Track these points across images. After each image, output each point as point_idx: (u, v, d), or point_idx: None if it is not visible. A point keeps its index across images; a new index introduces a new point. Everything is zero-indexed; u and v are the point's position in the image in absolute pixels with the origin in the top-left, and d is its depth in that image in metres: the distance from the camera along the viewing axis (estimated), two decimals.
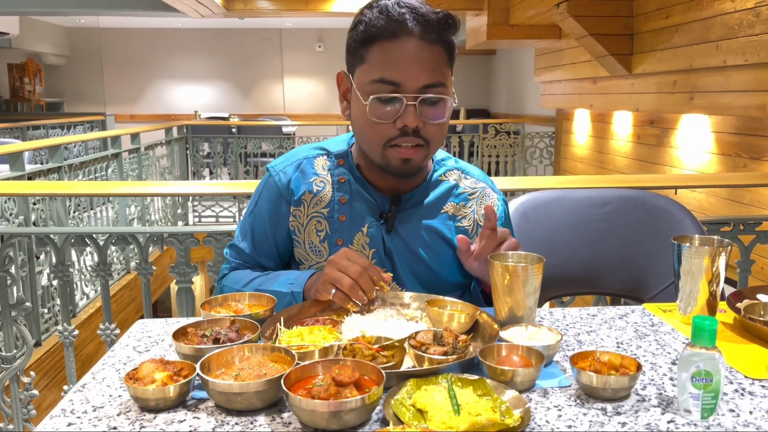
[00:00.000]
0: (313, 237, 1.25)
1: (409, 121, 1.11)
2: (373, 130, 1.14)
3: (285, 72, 12.15)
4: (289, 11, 7.24)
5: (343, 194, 1.24)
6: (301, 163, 1.27)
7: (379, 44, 1.12)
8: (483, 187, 1.32)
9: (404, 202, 1.24)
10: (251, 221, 1.30)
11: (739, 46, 3.60)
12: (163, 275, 6.11)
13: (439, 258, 1.26)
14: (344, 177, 1.25)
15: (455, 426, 0.77)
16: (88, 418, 0.84)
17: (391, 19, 1.11)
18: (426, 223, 1.25)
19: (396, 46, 1.11)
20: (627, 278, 1.63)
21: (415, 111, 1.11)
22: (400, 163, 1.16)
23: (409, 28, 1.11)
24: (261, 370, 0.87)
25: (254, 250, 1.30)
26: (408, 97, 1.10)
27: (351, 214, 1.24)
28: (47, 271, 3.85)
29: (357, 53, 1.15)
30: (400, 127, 1.12)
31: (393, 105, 1.12)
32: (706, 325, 0.81)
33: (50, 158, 4.63)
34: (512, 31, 6.40)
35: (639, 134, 5.52)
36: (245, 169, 8.36)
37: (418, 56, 1.11)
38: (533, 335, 1.00)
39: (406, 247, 1.24)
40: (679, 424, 0.81)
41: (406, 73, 1.10)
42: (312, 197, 1.25)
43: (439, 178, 1.28)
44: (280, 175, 1.27)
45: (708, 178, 3.66)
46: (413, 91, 1.11)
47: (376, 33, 1.11)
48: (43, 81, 11.55)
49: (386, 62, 1.11)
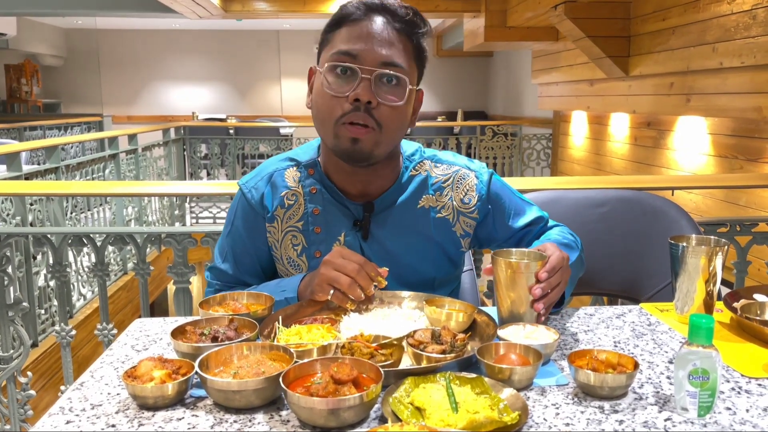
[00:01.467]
0: (290, 251, 1.24)
1: (361, 93, 1.09)
2: (327, 105, 1.12)
3: (282, 73, 12.15)
4: (286, 13, 7.24)
5: (316, 205, 1.23)
6: (272, 176, 1.26)
7: (345, 26, 1.13)
8: (456, 171, 1.27)
9: (377, 206, 1.22)
10: (230, 242, 1.29)
11: (736, 48, 3.61)
12: (160, 277, 6.09)
13: (420, 255, 1.24)
14: (315, 187, 1.23)
15: (453, 424, 0.77)
16: (86, 416, 0.84)
17: (360, 5, 1.13)
18: (403, 223, 1.23)
19: (360, 25, 1.12)
20: (624, 278, 1.63)
21: (369, 85, 1.10)
22: (349, 143, 1.12)
23: (375, 14, 1.13)
24: (259, 368, 0.87)
25: (237, 270, 1.28)
26: (363, 70, 1.10)
27: (326, 224, 1.22)
28: (44, 272, 3.84)
29: (325, 39, 1.17)
30: (352, 100, 1.10)
31: (349, 80, 1.11)
32: (703, 323, 0.81)
33: (47, 159, 4.63)
34: (509, 33, 6.41)
35: (636, 136, 5.53)
36: (242, 171, 8.35)
37: (380, 34, 1.11)
38: (531, 334, 1.00)
39: (385, 251, 1.22)
40: (676, 422, 0.81)
41: (364, 46, 1.10)
42: (285, 212, 1.23)
43: (410, 175, 1.25)
44: (252, 192, 1.26)
45: (705, 179, 3.67)
46: (370, 64, 1.10)
47: (344, 17, 1.14)
48: (40, 82, 11.54)
49: (348, 38, 1.12)
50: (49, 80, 11.94)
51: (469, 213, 1.26)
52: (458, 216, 1.26)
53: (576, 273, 1.19)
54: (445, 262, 1.27)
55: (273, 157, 1.32)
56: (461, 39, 7.53)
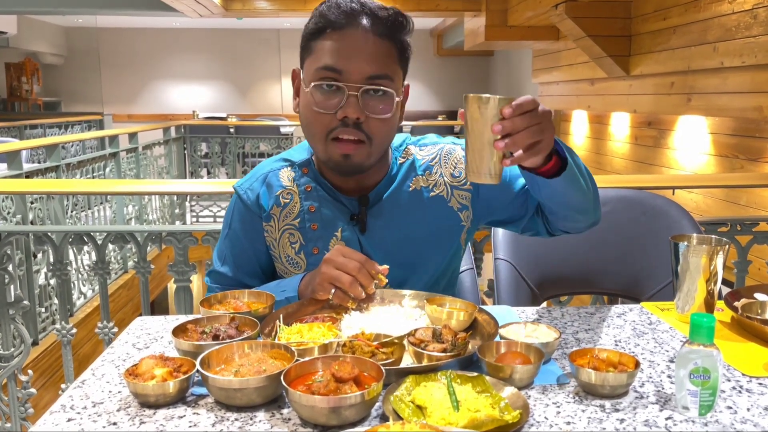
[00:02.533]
0: (288, 250, 1.24)
1: (349, 111, 1.09)
2: (315, 120, 1.13)
3: (283, 72, 12.13)
4: (287, 11, 7.23)
5: (312, 202, 1.23)
6: (266, 177, 1.26)
7: (327, 35, 1.12)
8: (441, 148, 1.27)
9: (371, 198, 1.23)
10: (229, 244, 1.29)
11: (737, 47, 3.61)
12: (160, 275, 6.10)
13: (420, 240, 1.24)
14: (310, 185, 1.24)
15: (454, 422, 0.77)
16: (88, 413, 0.84)
17: (341, 11, 1.11)
18: (398, 210, 1.23)
19: (343, 37, 1.11)
20: (624, 278, 1.63)
21: (356, 101, 1.10)
22: (340, 158, 1.13)
23: (358, 20, 1.11)
24: (260, 366, 0.87)
25: (237, 272, 1.29)
26: (350, 87, 1.09)
27: (322, 221, 1.23)
28: (45, 270, 3.84)
29: (307, 46, 1.15)
30: (341, 118, 1.10)
31: (336, 95, 1.11)
32: (704, 322, 0.81)
33: (48, 157, 4.63)
34: (510, 32, 6.41)
35: (636, 135, 5.54)
36: (243, 169, 8.35)
37: (364, 47, 1.10)
38: (532, 332, 1.00)
39: (384, 241, 1.22)
40: (677, 420, 0.81)
41: (349, 62, 1.09)
42: (281, 210, 1.24)
43: (398, 164, 1.26)
44: (248, 193, 1.26)
45: (706, 179, 3.67)
46: (356, 81, 1.10)
47: (325, 24, 1.12)
48: (40, 80, 11.54)
49: (332, 51, 1.11)
50: (50, 79, 11.94)
51: (462, 186, 1.25)
52: (452, 191, 1.25)
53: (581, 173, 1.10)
54: (445, 242, 1.26)
55: (267, 159, 1.32)
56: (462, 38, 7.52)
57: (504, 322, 1.05)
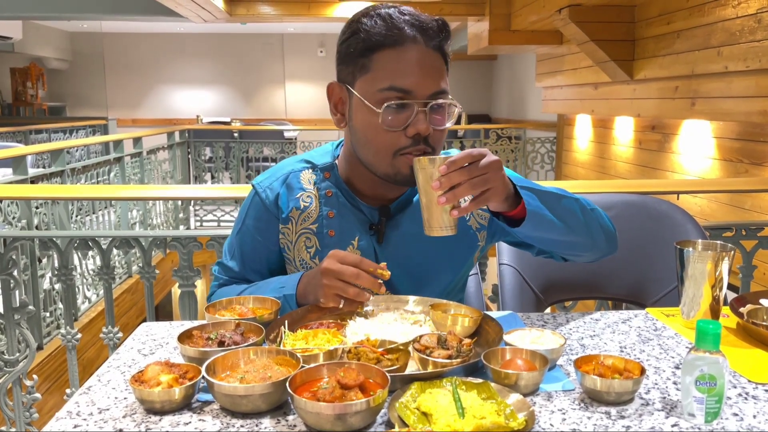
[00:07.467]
0: (303, 254, 1.24)
1: (421, 128, 1.10)
2: (383, 139, 1.13)
3: (287, 77, 12.17)
4: (291, 17, 7.24)
5: (331, 208, 1.23)
6: (287, 177, 1.26)
7: (383, 52, 1.11)
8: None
9: (392, 209, 1.23)
10: (239, 240, 1.29)
11: (741, 52, 3.60)
12: (165, 280, 6.10)
13: (436, 257, 1.24)
14: (331, 190, 1.24)
15: (460, 429, 0.77)
16: (94, 420, 0.84)
17: (393, 26, 1.11)
18: (417, 222, 1.20)
19: (402, 54, 1.11)
20: (629, 283, 1.63)
21: (425, 118, 1.11)
22: (409, 171, 1.12)
23: (412, 35, 1.11)
24: (266, 372, 0.87)
25: (243, 268, 1.29)
26: (419, 104, 1.10)
27: (340, 228, 1.23)
28: (50, 275, 3.85)
29: (358, 62, 1.14)
30: (411, 135, 1.11)
31: (403, 112, 1.11)
32: (710, 329, 0.81)
33: (53, 162, 4.65)
34: (514, 36, 6.41)
35: (640, 140, 5.53)
36: (247, 174, 8.37)
37: (425, 64, 1.11)
38: (537, 339, 1.00)
39: (400, 254, 1.22)
40: (683, 427, 0.81)
41: (416, 80, 1.10)
42: (300, 213, 1.23)
43: None
44: (266, 192, 1.25)
45: (710, 184, 3.67)
46: (424, 97, 1.11)
47: (379, 41, 1.11)
48: (45, 85, 11.59)
49: (395, 70, 1.10)
50: (55, 84, 11.99)
51: None
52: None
53: (572, 208, 1.14)
54: (459, 260, 1.27)
55: (288, 158, 1.32)
56: (465, 42, 7.52)
57: (509, 328, 1.05)
